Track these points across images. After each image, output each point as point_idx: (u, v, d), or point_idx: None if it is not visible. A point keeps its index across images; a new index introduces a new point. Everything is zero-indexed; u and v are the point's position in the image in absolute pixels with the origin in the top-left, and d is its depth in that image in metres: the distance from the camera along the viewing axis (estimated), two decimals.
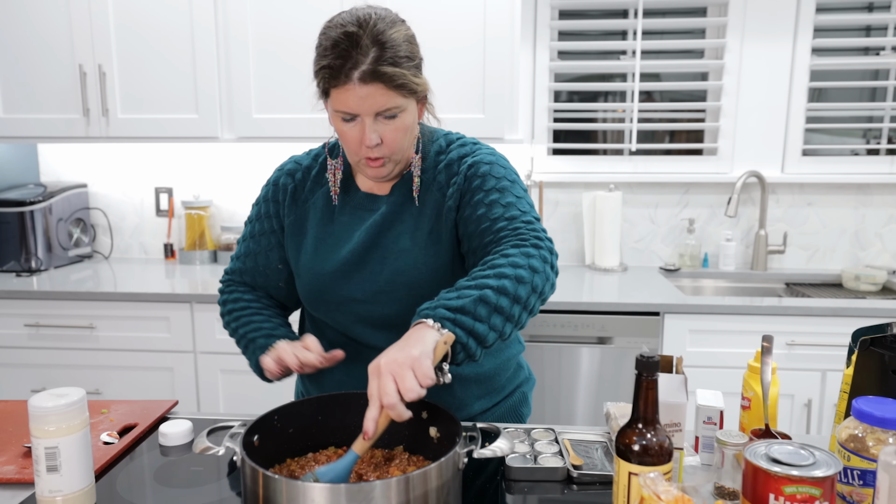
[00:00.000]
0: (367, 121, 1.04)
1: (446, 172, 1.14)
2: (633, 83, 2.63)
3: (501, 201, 1.08)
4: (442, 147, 1.17)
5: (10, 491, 0.99)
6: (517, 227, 1.05)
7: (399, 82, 1.02)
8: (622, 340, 2.16)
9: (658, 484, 0.77)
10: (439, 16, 2.26)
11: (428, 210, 1.14)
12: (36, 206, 2.53)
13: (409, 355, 0.86)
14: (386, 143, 1.06)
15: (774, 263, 2.72)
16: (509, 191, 1.09)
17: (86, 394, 0.92)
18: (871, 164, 2.65)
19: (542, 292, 0.99)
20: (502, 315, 0.94)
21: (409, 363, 0.85)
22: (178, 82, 2.39)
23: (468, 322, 0.92)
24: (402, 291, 1.13)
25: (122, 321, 2.26)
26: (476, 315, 0.93)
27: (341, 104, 1.03)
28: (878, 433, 0.84)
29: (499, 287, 0.94)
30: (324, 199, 1.20)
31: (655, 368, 0.82)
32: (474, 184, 1.10)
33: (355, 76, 0.99)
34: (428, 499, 0.81)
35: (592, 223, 2.66)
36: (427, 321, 0.91)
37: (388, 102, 1.02)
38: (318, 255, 1.17)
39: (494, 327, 0.94)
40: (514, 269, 0.97)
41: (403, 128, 1.07)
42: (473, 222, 1.08)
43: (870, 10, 2.63)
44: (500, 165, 1.13)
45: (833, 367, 2.12)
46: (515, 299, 0.95)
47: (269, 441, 0.97)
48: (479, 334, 0.93)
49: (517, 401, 1.31)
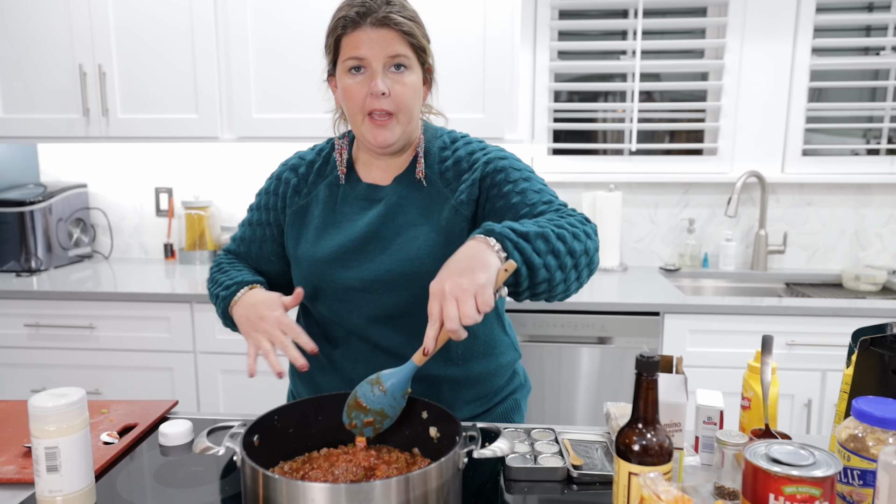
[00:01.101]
0: (376, 67, 1.07)
1: (455, 168, 1.15)
2: (633, 83, 2.63)
3: (532, 188, 1.10)
4: (446, 143, 1.19)
5: (10, 491, 0.99)
6: (558, 208, 1.06)
7: (408, 30, 1.08)
8: (622, 340, 2.16)
9: (658, 484, 0.77)
10: (439, 16, 2.26)
11: (434, 203, 1.14)
12: (36, 206, 2.53)
13: (474, 282, 0.85)
14: (393, 96, 1.08)
15: (774, 263, 2.72)
16: (534, 179, 1.12)
17: (86, 394, 0.92)
18: (871, 164, 2.65)
19: (591, 260, 1.00)
20: (557, 259, 0.94)
21: (473, 289, 0.85)
22: (178, 82, 2.39)
23: (528, 250, 0.91)
24: (402, 282, 1.12)
25: (122, 321, 2.27)
26: (535, 247, 0.92)
27: (352, 49, 1.07)
28: (878, 433, 0.84)
29: (559, 233, 0.96)
30: (326, 190, 1.21)
31: (655, 368, 0.82)
32: (498, 178, 1.12)
33: (368, 20, 1.06)
34: (428, 499, 0.81)
35: None
36: (490, 240, 0.91)
37: (397, 49, 1.07)
38: (317, 243, 1.18)
39: (548, 266, 0.93)
40: (572, 227, 0.99)
41: (410, 86, 1.10)
42: (509, 210, 1.09)
43: (870, 10, 2.63)
44: (514, 159, 1.16)
45: (833, 367, 2.12)
46: (570, 251, 0.95)
47: (269, 441, 0.97)
48: (533, 265, 0.92)
49: (509, 408, 1.29)
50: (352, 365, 1.19)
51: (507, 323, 1.30)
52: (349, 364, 1.19)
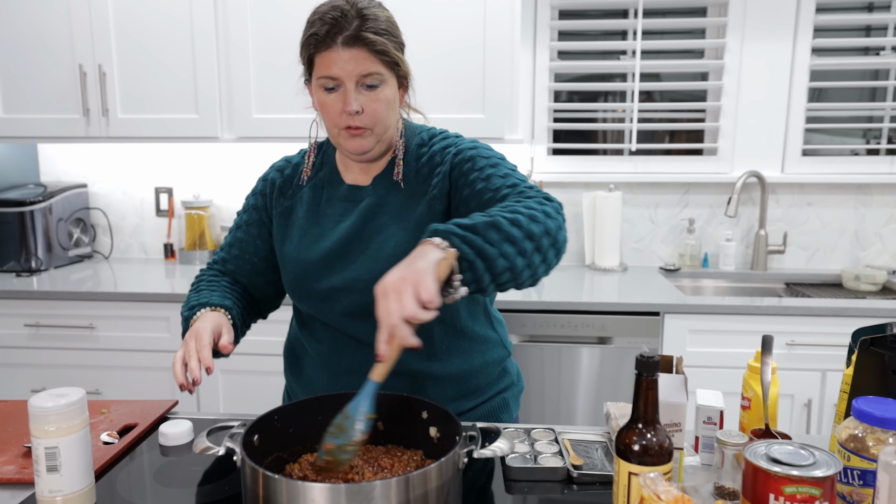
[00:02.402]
0: (349, 87, 1.07)
1: (429, 164, 1.17)
2: (633, 83, 2.63)
3: (498, 173, 1.09)
4: (424, 140, 1.20)
5: (10, 491, 0.99)
6: (522, 191, 1.05)
7: (380, 48, 1.06)
8: (622, 340, 2.16)
9: (658, 484, 0.77)
10: (439, 16, 2.26)
11: (411, 201, 1.16)
12: (36, 206, 2.53)
13: (411, 270, 0.83)
14: (367, 113, 1.09)
15: (774, 263, 2.72)
16: (502, 165, 1.12)
17: (86, 394, 0.92)
18: (871, 164, 2.65)
19: (555, 239, 0.97)
20: (514, 245, 0.91)
21: (411, 280, 0.83)
22: (177, 82, 2.39)
23: (478, 241, 0.89)
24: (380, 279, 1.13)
25: (122, 321, 2.26)
26: (487, 237, 0.90)
27: (325, 69, 1.07)
28: (878, 433, 0.84)
29: (512, 219, 0.93)
30: (310, 192, 1.23)
31: (655, 368, 0.82)
32: (465, 167, 1.12)
33: (339, 40, 1.05)
34: (428, 499, 0.81)
35: (592, 223, 2.66)
36: (433, 239, 0.89)
37: (370, 67, 1.06)
38: (302, 245, 1.20)
39: (505, 255, 0.90)
40: (528, 209, 0.96)
41: (384, 100, 1.10)
42: (474, 198, 1.09)
43: (870, 10, 2.63)
44: (485, 148, 1.16)
45: (833, 367, 2.12)
46: (528, 235, 0.93)
47: (269, 441, 0.97)
48: (488, 256, 0.89)
49: (496, 406, 1.27)
50: (338, 359, 1.21)
51: (497, 319, 1.30)
52: (335, 358, 1.21)
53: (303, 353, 1.27)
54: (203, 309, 1.14)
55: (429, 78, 2.29)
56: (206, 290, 1.21)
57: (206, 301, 1.16)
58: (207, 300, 1.16)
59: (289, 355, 1.31)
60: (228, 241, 1.30)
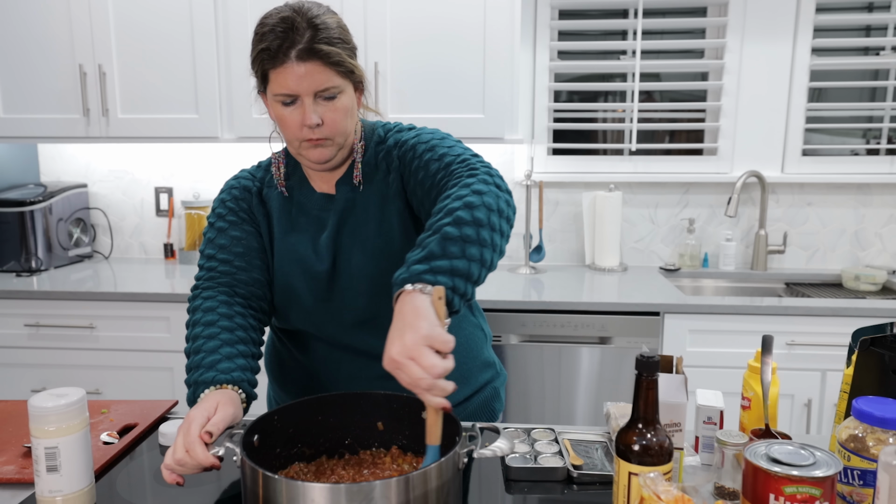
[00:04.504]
0: (306, 101, 1.05)
1: (385, 161, 1.16)
2: (633, 83, 2.63)
3: (434, 156, 1.08)
4: (381, 136, 1.19)
5: (10, 491, 0.99)
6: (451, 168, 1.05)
7: (335, 59, 1.04)
8: (622, 340, 2.16)
9: (658, 484, 0.77)
10: (439, 16, 2.26)
11: (374, 199, 1.16)
12: (36, 206, 2.53)
13: (417, 335, 0.82)
14: (326, 125, 1.07)
15: (774, 263, 2.72)
16: (439, 145, 1.10)
17: (86, 394, 0.92)
18: (871, 164, 2.65)
19: (499, 210, 0.97)
20: (474, 244, 0.92)
21: (422, 340, 0.81)
22: (178, 82, 2.39)
23: (444, 265, 0.89)
24: (365, 285, 1.14)
25: (122, 321, 2.26)
26: (448, 254, 0.90)
27: (280, 86, 1.04)
28: (878, 433, 0.84)
29: (454, 220, 0.93)
30: (280, 202, 1.20)
31: (655, 368, 0.82)
32: (407, 157, 1.12)
33: (293, 55, 1.02)
34: (428, 499, 0.81)
35: (592, 223, 2.66)
36: (406, 287, 0.88)
37: (326, 81, 1.04)
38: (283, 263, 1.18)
39: (472, 257, 0.91)
40: (460, 199, 0.95)
41: (343, 109, 1.08)
42: (419, 187, 1.10)
43: (870, 10, 2.63)
44: (426, 132, 1.14)
45: (833, 367, 2.12)
46: (477, 223, 0.93)
47: (269, 441, 0.97)
48: (460, 271, 0.90)
49: (489, 396, 1.31)
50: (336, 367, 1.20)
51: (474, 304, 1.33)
52: (333, 367, 1.20)
53: (293, 365, 1.25)
54: (207, 389, 1.02)
55: (429, 78, 2.29)
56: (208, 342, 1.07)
57: (210, 377, 1.03)
58: (213, 376, 1.03)
59: (273, 365, 1.30)
60: (213, 252, 1.18)
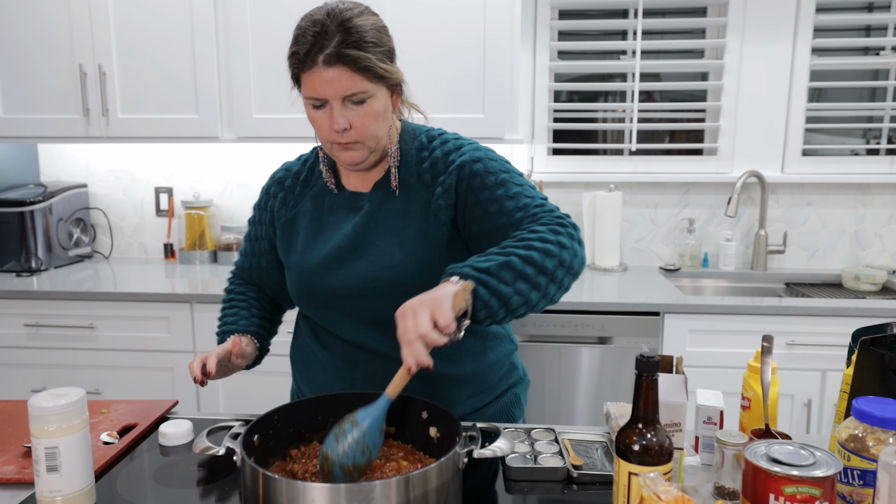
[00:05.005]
0: (335, 105, 1.06)
1: (431, 171, 1.15)
2: (633, 83, 2.63)
3: (508, 194, 1.09)
4: (423, 143, 1.18)
5: (10, 491, 0.99)
6: (535, 213, 1.07)
7: (363, 65, 1.04)
8: (622, 340, 2.16)
9: (658, 484, 0.77)
10: (439, 16, 2.26)
11: (413, 207, 1.15)
12: (36, 206, 2.53)
13: (430, 296, 0.90)
14: (355, 129, 1.08)
15: (774, 263, 2.72)
16: (510, 182, 1.11)
17: (86, 394, 0.92)
18: (871, 164, 2.65)
19: (570, 266, 1.02)
20: (528, 282, 0.97)
21: (428, 303, 0.89)
22: (178, 82, 2.39)
23: (492, 282, 0.94)
24: (388, 287, 1.14)
25: (122, 321, 2.27)
26: (501, 277, 0.95)
27: (310, 90, 1.06)
28: (878, 433, 0.84)
29: (526, 256, 0.97)
30: (311, 202, 1.23)
31: (655, 368, 0.82)
32: (474, 184, 1.11)
33: (320, 59, 1.03)
34: (428, 499, 0.81)
35: (592, 223, 2.66)
36: (452, 278, 0.94)
37: (353, 86, 1.04)
38: (306, 253, 1.20)
39: (520, 292, 0.96)
40: (543, 243, 1.00)
41: (373, 114, 1.08)
42: (487, 219, 1.10)
43: (870, 10, 2.63)
44: (490, 159, 1.14)
45: (833, 367, 2.12)
46: (542, 270, 0.98)
47: (269, 441, 0.97)
48: (502, 295, 0.95)
49: (509, 402, 1.29)
50: (351, 366, 1.21)
51: None
52: (349, 365, 1.21)
53: (314, 360, 1.26)
54: (232, 336, 1.22)
55: (429, 78, 2.30)
56: (236, 309, 1.28)
57: (232, 329, 1.24)
58: (234, 326, 1.24)
59: (298, 360, 1.31)
60: (244, 251, 1.34)
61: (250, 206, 2.81)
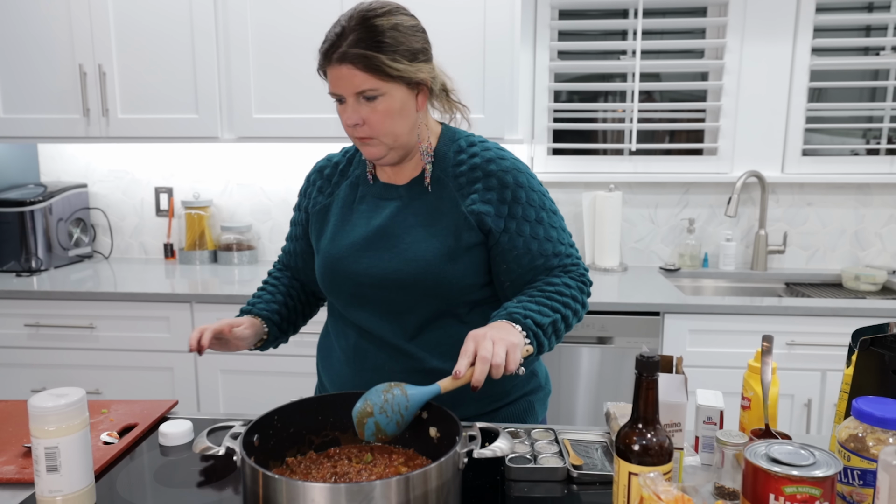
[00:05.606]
0: (350, 101, 1.10)
1: (469, 175, 1.18)
2: (633, 83, 2.63)
3: (548, 236, 1.18)
4: (462, 147, 1.21)
5: (10, 491, 0.99)
6: (566, 265, 1.20)
7: (371, 64, 1.07)
8: (622, 340, 2.16)
9: (658, 484, 0.77)
10: (439, 16, 2.26)
11: (444, 206, 1.17)
12: (36, 206, 2.53)
13: (509, 339, 0.99)
14: (368, 125, 1.11)
15: (774, 263, 2.72)
16: (548, 222, 1.19)
17: (86, 394, 0.92)
18: (871, 164, 2.65)
19: (580, 319, 1.20)
20: (558, 336, 1.14)
21: (507, 343, 0.98)
22: (178, 82, 2.39)
23: (542, 339, 1.09)
24: (409, 281, 1.16)
25: (122, 321, 2.27)
26: (548, 335, 1.10)
27: (330, 85, 1.12)
28: (878, 433, 0.84)
29: (565, 316, 1.13)
30: (347, 189, 1.27)
31: (655, 368, 0.82)
32: (515, 210, 1.16)
33: (335, 57, 1.08)
34: (428, 499, 0.81)
35: (592, 223, 2.66)
36: (517, 326, 1.06)
37: (362, 84, 1.08)
38: (335, 239, 1.23)
39: (550, 347, 1.12)
40: (575, 302, 1.16)
41: (387, 111, 1.10)
42: (519, 251, 1.17)
43: (870, 10, 2.63)
44: (532, 189, 1.19)
45: (833, 367, 2.12)
46: (567, 328, 1.15)
47: (269, 441, 0.97)
48: (543, 348, 1.11)
49: (521, 409, 1.29)
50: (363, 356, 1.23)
51: None
52: (360, 354, 1.23)
53: (331, 350, 1.30)
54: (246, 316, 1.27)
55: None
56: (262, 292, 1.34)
57: (248, 309, 1.30)
58: (251, 308, 1.30)
59: (321, 349, 1.34)
60: (287, 235, 1.39)
61: (250, 206, 2.81)
